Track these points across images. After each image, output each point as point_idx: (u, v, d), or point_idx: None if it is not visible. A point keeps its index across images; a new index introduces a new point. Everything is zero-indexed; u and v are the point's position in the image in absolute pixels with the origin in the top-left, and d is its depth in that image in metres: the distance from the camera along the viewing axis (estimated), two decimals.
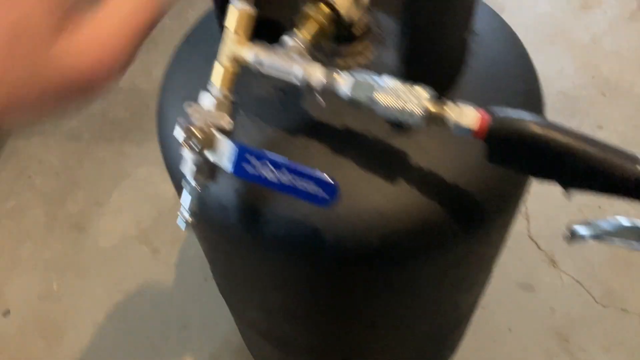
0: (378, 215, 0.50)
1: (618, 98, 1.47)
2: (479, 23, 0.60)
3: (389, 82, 0.43)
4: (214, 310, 1.18)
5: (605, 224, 0.48)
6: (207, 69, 0.59)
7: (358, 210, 0.51)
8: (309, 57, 0.47)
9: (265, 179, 0.44)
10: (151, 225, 1.32)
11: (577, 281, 1.18)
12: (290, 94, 0.55)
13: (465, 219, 0.53)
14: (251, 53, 0.47)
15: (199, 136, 0.46)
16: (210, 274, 1.23)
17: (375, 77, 0.44)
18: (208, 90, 0.48)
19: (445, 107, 0.43)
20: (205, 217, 0.56)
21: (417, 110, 0.42)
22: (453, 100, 0.51)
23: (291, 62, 0.46)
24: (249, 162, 0.44)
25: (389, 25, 0.58)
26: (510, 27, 0.63)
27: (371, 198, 0.51)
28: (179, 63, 0.64)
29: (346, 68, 0.55)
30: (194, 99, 0.58)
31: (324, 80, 0.45)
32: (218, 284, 0.84)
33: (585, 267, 1.20)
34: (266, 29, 0.50)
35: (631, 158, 0.39)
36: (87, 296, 1.23)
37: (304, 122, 0.53)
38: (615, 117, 1.44)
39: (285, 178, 0.44)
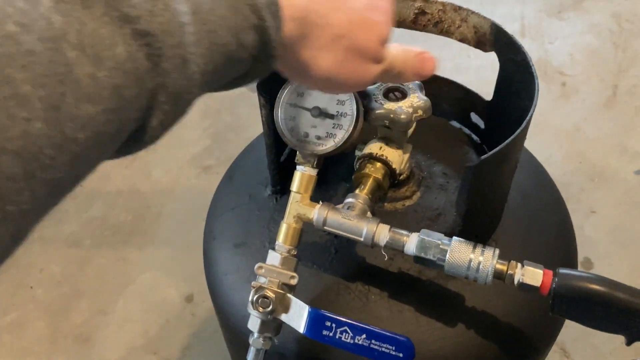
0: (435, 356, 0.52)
1: (606, 183, 1.54)
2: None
3: (455, 242, 0.46)
4: None
5: None
6: (250, 208, 0.62)
7: (418, 356, 0.52)
8: (372, 216, 0.50)
9: (340, 340, 0.46)
10: (158, 333, 1.30)
11: None
12: (343, 240, 0.57)
13: (518, 355, 0.55)
14: (316, 212, 0.49)
15: (271, 297, 0.47)
16: None
17: (441, 237, 0.47)
18: (274, 249, 0.50)
19: (510, 266, 0.45)
20: None
21: (485, 269, 0.45)
22: (496, 243, 0.54)
23: (357, 221, 0.48)
24: (325, 326, 0.46)
25: (428, 165, 0.61)
26: (543, 167, 0.68)
27: (431, 343, 0.52)
28: (221, 203, 0.66)
29: (394, 211, 0.58)
30: (241, 243, 0.60)
31: (390, 240, 0.48)
32: None
33: (596, 357, 1.22)
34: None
35: None
36: None
37: (360, 267, 0.55)
38: (606, 202, 1.50)
39: (362, 340, 0.45)
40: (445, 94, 0.64)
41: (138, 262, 1.43)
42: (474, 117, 0.65)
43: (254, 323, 0.50)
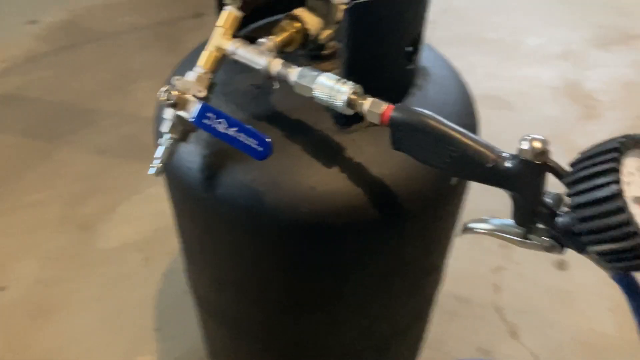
0: (311, 190, 0.61)
1: None
2: (433, 69, 0.73)
3: (326, 75, 0.56)
4: (187, 321, 1.26)
5: (493, 221, 0.57)
6: None
7: (296, 183, 0.62)
8: (274, 53, 0.60)
9: (217, 130, 0.56)
10: (150, 236, 1.44)
11: (535, 355, 1.22)
12: (263, 90, 0.68)
13: (383, 207, 0.63)
14: (231, 44, 0.61)
15: (175, 94, 0.58)
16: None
17: (317, 72, 0.57)
18: (193, 70, 0.61)
19: (362, 98, 0.54)
20: (173, 177, 0.68)
21: (341, 97, 0.54)
22: None
23: (259, 54, 0.59)
24: (208, 117, 0.56)
25: None
26: (457, 71, 0.76)
27: (308, 176, 0.62)
28: (180, 70, 0.79)
29: None
30: None
31: (280, 70, 0.58)
32: (183, 262, 0.92)
33: (546, 344, 1.24)
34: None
35: (491, 148, 0.49)
36: (77, 287, 1.33)
37: (269, 112, 0.66)
38: None
39: (233, 132, 0.56)
40: None
41: (150, 177, 1.58)
42: None
43: (164, 125, 0.61)
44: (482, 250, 1.41)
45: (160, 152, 0.63)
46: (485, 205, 0.91)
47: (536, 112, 1.79)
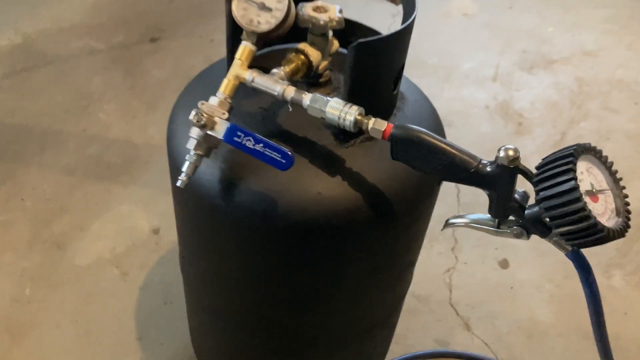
0: (318, 195, 0.72)
1: None
2: (408, 94, 0.87)
3: (335, 100, 0.68)
4: (169, 329, 1.32)
5: (470, 216, 0.71)
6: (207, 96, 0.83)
7: (305, 190, 0.73)
8: (287, 81, 0.72)
9: (246, 146, 0.67)
10: (124, 252, 1.49)
11: (486, 344, 1.37)
12: (270, 112, 0.79)
13: (377, 209, 0.75)
14: (248, 74, 0.71)
15: (204, 116, 0.68)
16: (169, 298, 1.39)
17: (326, 97, 0.69)
18: (215, 95, 0.72)
19: (366, 118, 0.67)
20: (192, 188, 0.77)
21: (349, 118, 0.67)
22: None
23: (274, 82, 0.71)
24: (237, 135, 0.67)
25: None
26: (425, 95, 0.90)
27: (315, 184, 0.73)
28: (186, 95, 0.88)
29: None
30: None
31: (294, 95, 0.69)
32: (183, 264, 1.01)
33: (495, 333, 1.40)
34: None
35: (473, 157, 0.63)
36: (55, 303, 1.37)
37: (277, 131, 0.77)
38: None
39: (259, 148, 0.66)
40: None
41: (119, 196, 1.64)
42: None
43: (190, 143, 0.71)
44: (436, 254, 1.56)
45: (186, 166, 0.72)
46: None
47: (474, 129, 1.99)
